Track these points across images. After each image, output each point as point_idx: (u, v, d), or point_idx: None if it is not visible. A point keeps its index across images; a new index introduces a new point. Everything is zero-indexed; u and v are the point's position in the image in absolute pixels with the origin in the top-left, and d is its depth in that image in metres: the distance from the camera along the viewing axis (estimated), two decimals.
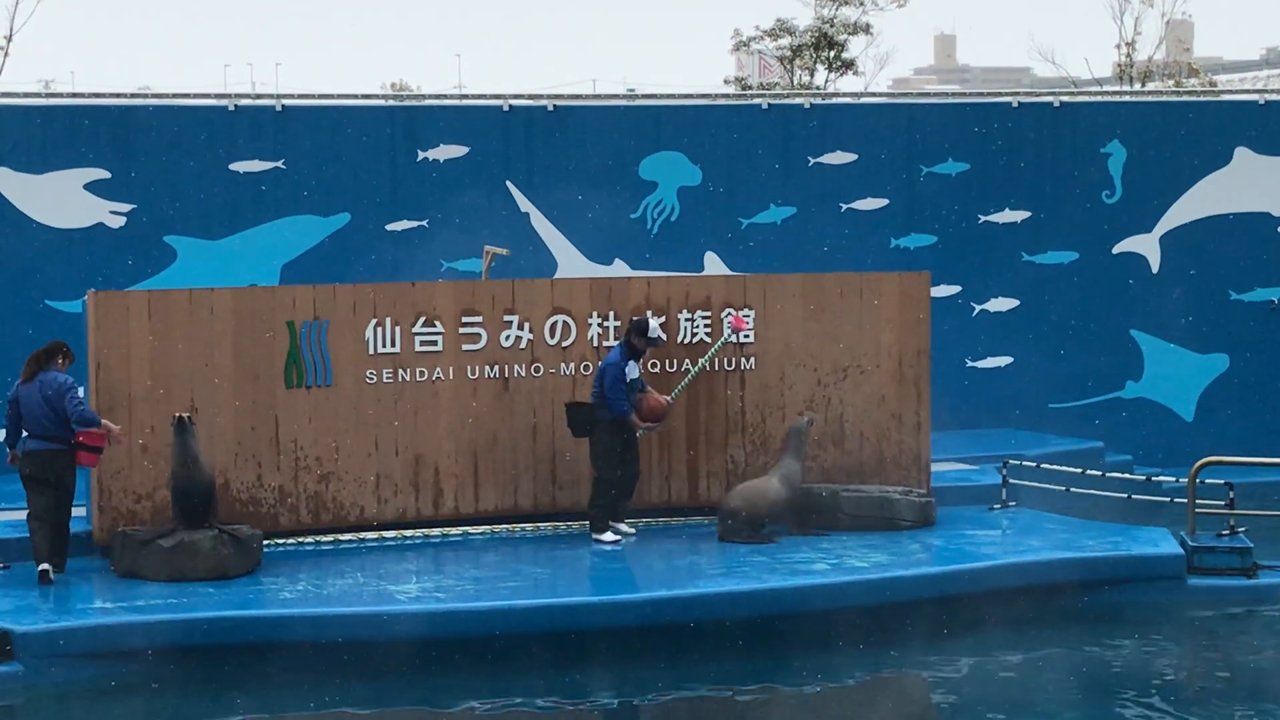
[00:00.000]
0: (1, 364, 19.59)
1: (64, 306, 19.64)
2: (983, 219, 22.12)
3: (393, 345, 16.64)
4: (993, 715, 13.00)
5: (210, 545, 15.07)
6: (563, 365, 17.09)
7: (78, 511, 16.65)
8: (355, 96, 21.63)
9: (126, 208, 20.20)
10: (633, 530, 16.72)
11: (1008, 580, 15.35)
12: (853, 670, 14.22)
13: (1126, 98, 25.67)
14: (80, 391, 15.14)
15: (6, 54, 36.01)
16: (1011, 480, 18.16)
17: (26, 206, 19.97)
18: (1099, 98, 24.80)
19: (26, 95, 21.53)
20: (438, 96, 22.51)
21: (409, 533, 16.81)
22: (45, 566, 14.89)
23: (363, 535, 16.64)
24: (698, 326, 17.37)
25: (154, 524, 15.64)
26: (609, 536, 16.46)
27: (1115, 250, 22.37)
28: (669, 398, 16.74)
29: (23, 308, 19.82)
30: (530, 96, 21.76)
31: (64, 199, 20.04)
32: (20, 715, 12.92)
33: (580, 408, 16.59)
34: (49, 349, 15.30)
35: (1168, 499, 17.68)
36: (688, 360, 17.20)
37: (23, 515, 15.68)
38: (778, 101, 22.37)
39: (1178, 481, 17.73)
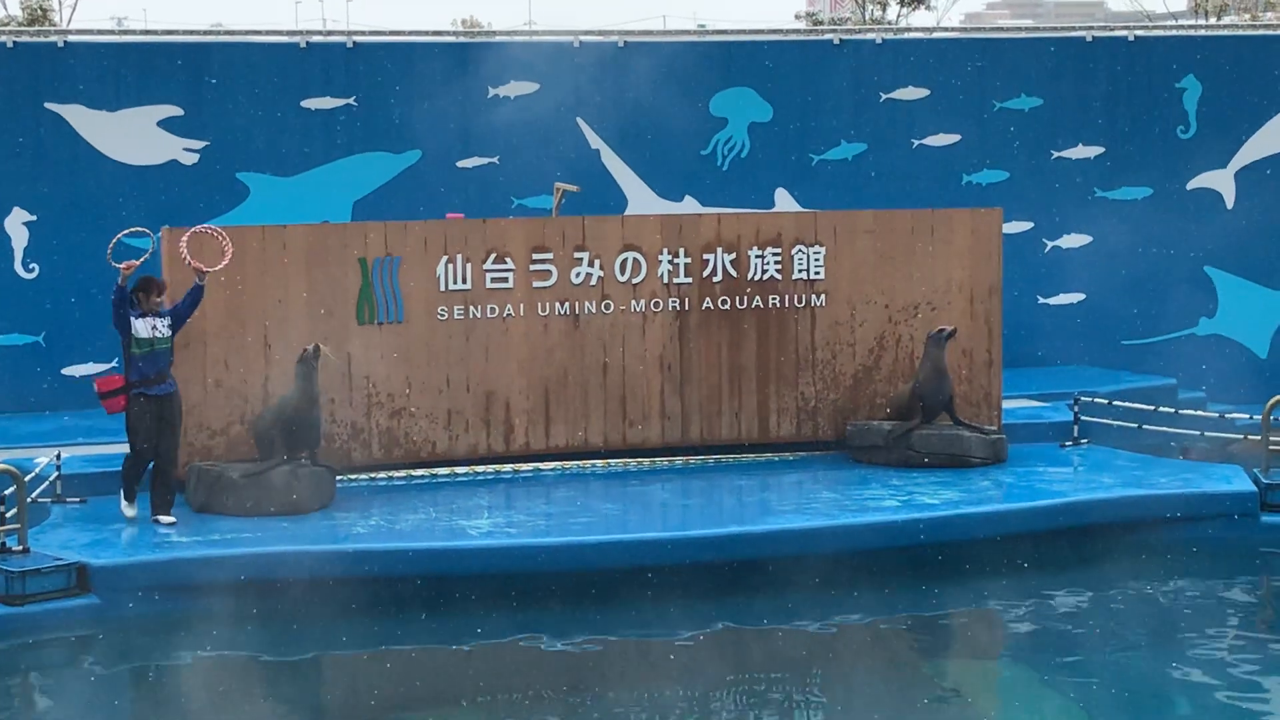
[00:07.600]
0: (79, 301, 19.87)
1: (138, 243, 19.72)
2: (1055, 155, 21.95)
3: (464, 282, 16.68)
4: (1064, 653, 13.01)
5: (283, 481, 15.19)
6: (633, 302, 17.10)
7: None
8: (426, 33, 21.61)
9: (199, 145, 20.27)
10: None
11: (1080, 517, 15.33)
12: (914, 607, 14.25)
13: (1202, 32, 25.34)
14: None
15: None
16: (1083, 417, 18.08)
17: (101, 144, 20.08)
18: (1174, 32, 24.48)
19: (100, 32, 21.64)
20: (508, 33, 22.43)
21: (480, 469, 16.89)
22: None
23: (435, 471, 16.75)
24: (768, 264, 17.34)
25: (228, 459, 15.78)
26: None
27: (1190, 186, 22.17)
28: None
29: (98, 244, 19.91)
30: (600, 33, 21.70)
31: (138, 136, 20.11)
32: (97, 646, 13.11)
33: None
34: None
35: (1241, 436, 17.57)
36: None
37: (102, 451, 15.88)
38: (849, 37, 22.21)
39: (1251, 419, 17.62)
